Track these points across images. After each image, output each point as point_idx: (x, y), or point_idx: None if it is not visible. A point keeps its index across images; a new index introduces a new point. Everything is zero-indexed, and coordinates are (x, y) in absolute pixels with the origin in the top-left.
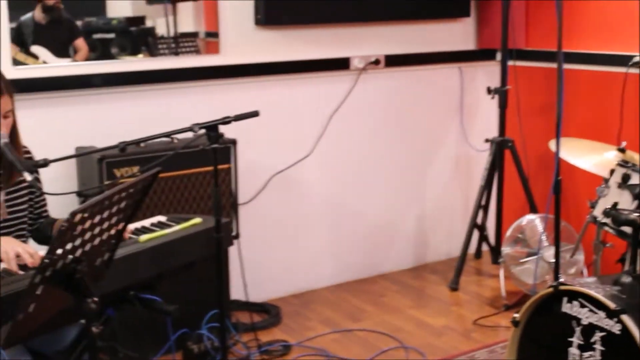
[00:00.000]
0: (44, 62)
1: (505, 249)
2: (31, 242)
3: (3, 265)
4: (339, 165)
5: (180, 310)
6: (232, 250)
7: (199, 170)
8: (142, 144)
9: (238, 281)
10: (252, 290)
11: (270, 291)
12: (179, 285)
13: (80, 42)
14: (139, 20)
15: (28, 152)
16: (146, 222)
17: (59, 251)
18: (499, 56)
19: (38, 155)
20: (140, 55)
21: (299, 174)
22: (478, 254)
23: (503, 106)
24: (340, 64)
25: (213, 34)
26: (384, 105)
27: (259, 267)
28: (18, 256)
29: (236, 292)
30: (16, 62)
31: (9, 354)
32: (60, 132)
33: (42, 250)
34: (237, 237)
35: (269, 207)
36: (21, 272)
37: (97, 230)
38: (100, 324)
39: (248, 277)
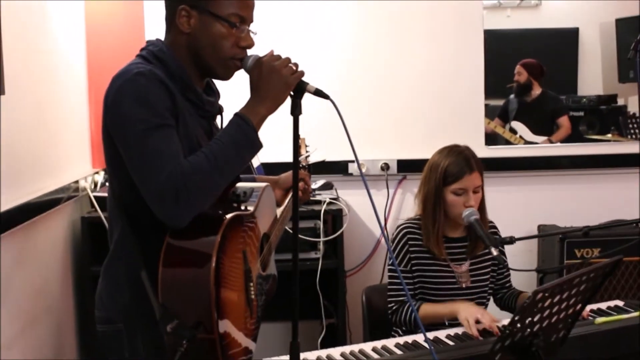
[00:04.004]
0: (521, 137)
1: None
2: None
3: (464, 329)
4: None
5: None
6: None
7: None
8: None
9: None
10: None
11: None
12: None
13: (563, 120)
14: (610, 98)
15: (494, 226)
16: (603, 305)
17: (519, 324)
18: None
19: (502, 230)
20: (609, 135)
21: None
22: None
23: None
24: None
25: None
26: None
27: None
28: (477, 322)
29: None
30: (492, 137)
31: None
32: (524, 209)
33: (503, 320)
34: None
35: None
36: (480, 338)
37: (555, 308)
38: None
39: None
